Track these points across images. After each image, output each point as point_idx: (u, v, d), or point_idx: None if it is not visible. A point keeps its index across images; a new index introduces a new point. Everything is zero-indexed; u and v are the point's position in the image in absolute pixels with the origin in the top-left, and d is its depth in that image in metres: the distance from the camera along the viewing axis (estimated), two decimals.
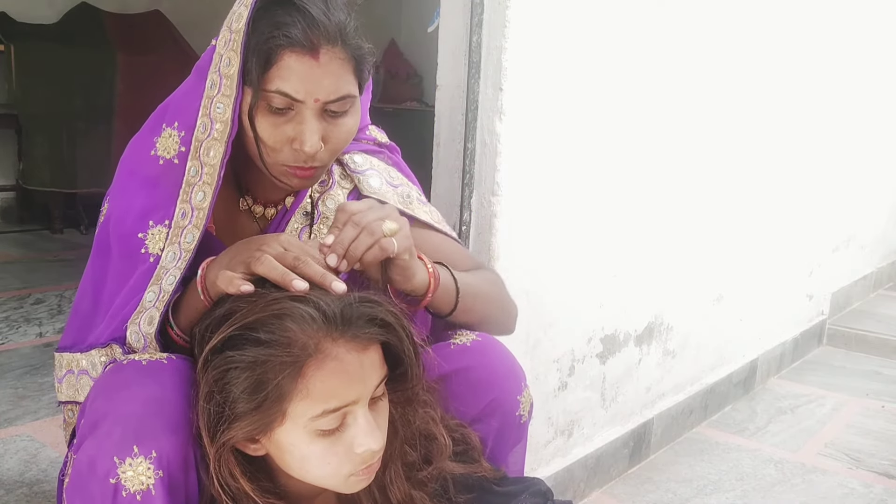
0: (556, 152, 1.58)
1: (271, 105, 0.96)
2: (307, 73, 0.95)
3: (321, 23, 0.94)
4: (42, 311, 2.80)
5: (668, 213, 1.98)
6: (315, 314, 0.81)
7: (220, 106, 0.98)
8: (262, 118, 0.98)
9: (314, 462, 0.84)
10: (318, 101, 0.96)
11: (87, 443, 0.85)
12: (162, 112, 1.08)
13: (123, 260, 1.04)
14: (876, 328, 3.25)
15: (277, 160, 1.00)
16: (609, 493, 1.92)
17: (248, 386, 0.81)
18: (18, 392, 2.11)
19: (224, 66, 0.98)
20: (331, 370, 0.81)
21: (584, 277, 1.73)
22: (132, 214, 1.04)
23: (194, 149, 1.01)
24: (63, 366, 1.08)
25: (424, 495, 0.94)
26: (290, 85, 0.95)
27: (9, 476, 1.68)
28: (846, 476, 2.07)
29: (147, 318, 0.96)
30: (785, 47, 2.40)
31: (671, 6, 1.82)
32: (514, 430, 1.08)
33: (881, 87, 3.38)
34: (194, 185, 1.01)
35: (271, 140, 0.98)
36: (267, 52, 0.94)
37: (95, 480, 0.83)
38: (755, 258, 2.51)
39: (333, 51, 0.96)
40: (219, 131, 0.99)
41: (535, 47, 1.47)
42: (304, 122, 0.97)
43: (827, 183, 2.93)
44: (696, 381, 2.32)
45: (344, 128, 1.01)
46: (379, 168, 1.18)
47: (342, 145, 1.04)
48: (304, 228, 1.13)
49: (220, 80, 0.98)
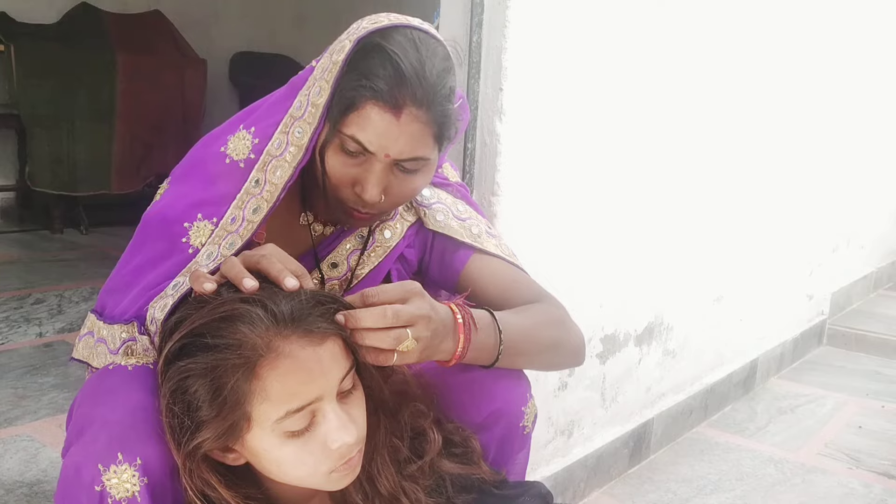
0: (557, 152, 1.58)
1: (344, 146, 0.97)
2: (385, 128, 0.95)
3: (411, 82, 0.94)
4: (42, 311, 2.80)
5: (667, 213, 1.98)
6: (262, 313, 0.79)
7: (300, 132, 0.99)
8: (332, 155, 0.98)
9: (290, 464, 0.82)
10: (389, 157, 0.97)
11: (74, 449, 0.85)
12: (247, 114, 1.08)
13: (164, 242, 1.03)
14: (876, 328, 3.26)
15: (339, 197, 1.01)
16: (609, 493, 1.92)
17: (204, 393, 0.79)
18: (18, 392, 2.11)
19: (314, 95, 0.99)
20: (286, 369, 0.79)
21: (584, 277, 1.73)
22: (185, 202, 1.04)
23: (263, 161, 1.02)
24: (88, 326, 1.07)
25: (417, 487, 0.93)
26: (365, 135, 0.95)
27: (9, 476, 1.68)
28: (846, 476, 2.07)
29: (162, 305, 0.95)
30: (785, 48, 2.40)
31: (671, 6, 1.82)
32: (518, 440, 1.07)
33: (881, 88, 3.38)
34: (253, 196, 1.02)
35: (336, 178, 0.99)
36: (352, 98, 0.94)
37: (81, 488, 0.83)
38: (755, 258, 2.51)
39: (417, 113, 0.95)
40: (291, 154, 1.00)
41: (535, 47, 1.47)
42: (370, 172, 0.98)
43: (827, 183, 2.93)
44: (696, 381, 2.32)
45: (410, 185, 1.02)
46: (446, 202, 1.17)
47: (404, 200, 1.05)
48: (356, 252, 1.14)
49: (307, 107, 0.99)
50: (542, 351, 1.09)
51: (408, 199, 1.05)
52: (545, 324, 1.09)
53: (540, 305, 1.11)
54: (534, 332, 1.06)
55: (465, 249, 1.14)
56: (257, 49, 5.09)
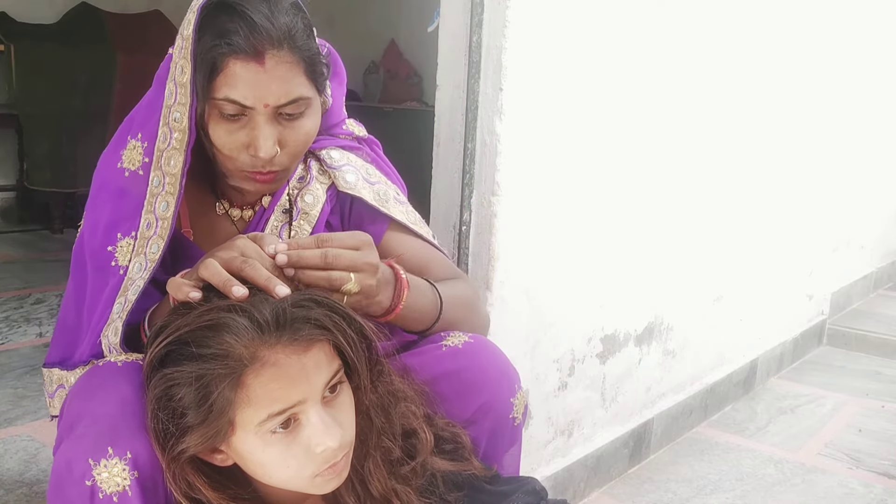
0: (557, 152, 1.58)
1: (223, 112, 0.96)
2: (254, 79, 0.94)
3: (264, 28, 0.93)
4: (42, 311, 2.80)
5: (667, 213, 1.98)
6: (248, 324, 0.80)
7: (177, 114, 0.99)
8: (215, 125, 0.98)
9: (274, 466, 0.82)
10: (269, 105, 0.96)
11: (64, 445, 0.85)
12: (128, 124, 1.08)
13: (97, 274, 1.05)
14: (876, 328, 3.26)
15: (236, 166, 1.00)
16: (609, 493, 1.92)
17: (189, 401, 0.80)
18: (18, 392, 2.11)
19: (178, 75, 0.98)
20: (270, 376, 0.79)
21: (584, 277, 1.73)
22: (101, 228, 1.05)
23: (156, 159, 1.02)
24: (54, 381, 1.09)
25: (409, 489, 0.93)
26: (237, 92, 0.95)
27: (9, 476, 1.68)
28: (846, 476, 2.07)
29: (113, 329, 0.96)
30: (785, 49, 2.41)
31: (671, 6, 1.82)
32: (508, 433, 1.07)
33: (881, 89, 3.38)
34: (158, 196, 1.01)
35: (226, 147, 0.98)
36: (212, 61, 0.94)
37: (72, 483, 0.83)
38: (755, 258, 2.51)
39: (279, 55, 0.95)
40: (178, 140, 0.99)
41: (535, 47, 1.47)
42: (256, 128, 0.97)
43: (827, 183, 2.93)
44: (696, 381, 2.32)
45: (301, 130, 1.01)
46: (356, 164, 1.17)
47: (302, 147, 1.03)
48: (284, 226, 1.13)
49: (176, 89, 0.99)
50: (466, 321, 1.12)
51: (304, 145, 1.04)
52: (466, 299, 1.15)
53: (461, 283, 1.16)
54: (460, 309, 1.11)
55: (381, 222, 1.14)
56: None
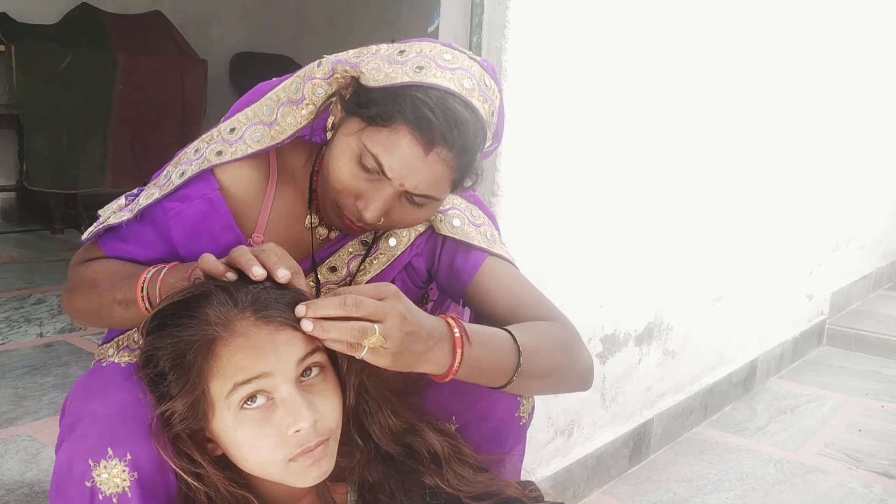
0: (557, 153, 1.58)
1: (361, 158, 0.95)
2: (411, 160, 0.93)
3: (449, 129, 0.92)
4: (42, 311, 2.80)
5: (667, 213, 1.98)
6: (226, 298, 0.83)
7: (321, 91, 1.01)
8: (346, 160, 0.97)
9: (247, 446, 0.83)
10: (403, 187, 0.95)
11: (65, 445, 0.85)
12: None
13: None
14: (876, 328, 3.26)
15: (338, 201, 0.99)
16: (609, 492, 1.92)
17: (168, 367, 0.83)
18: (19, 392, 2.11)
19: (352, 56, 0.99)
20: (238, 345, 0.82)
21: (584, 277, 1.73)
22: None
23: (285, 104, 1.03)
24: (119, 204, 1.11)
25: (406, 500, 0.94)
26: (389, 159, 0.93)
27: (9, 476, 1.68)
28: (846, 476, 2.07)
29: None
30: (785, 49, 2.41)
31: (671, 6, 1.83)
32: (514, 432, 1.06)
33: (881, 88, 3.38)
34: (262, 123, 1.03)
35: (341, 184, 0.97)
36: (390, 111, 0.93)
37: (73, 483, 0.83)
38: (755, 258, 2.51)
39: (444, 156, 0.94)
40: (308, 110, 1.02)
41: (535, 47, 1.47)
42: (379, 193, 0.96)
43: (826, 183, 2.94)
44: (695, 381, 2.32)
45: (412, 216, 1.01)
46: (461, 207, 1.13)
47: (401, 228, 1.05)
48: (357, 257, 1.11)
49: (332, 68, 1.00)
50: (551, 375, 1.02)
51: (405, 227, 1.06)
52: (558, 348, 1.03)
53: (553, 326, 1.04)
54: (548, 356, 1.00)
55: (479, 252, 1.10)
56: (257, 49, 5.08)
